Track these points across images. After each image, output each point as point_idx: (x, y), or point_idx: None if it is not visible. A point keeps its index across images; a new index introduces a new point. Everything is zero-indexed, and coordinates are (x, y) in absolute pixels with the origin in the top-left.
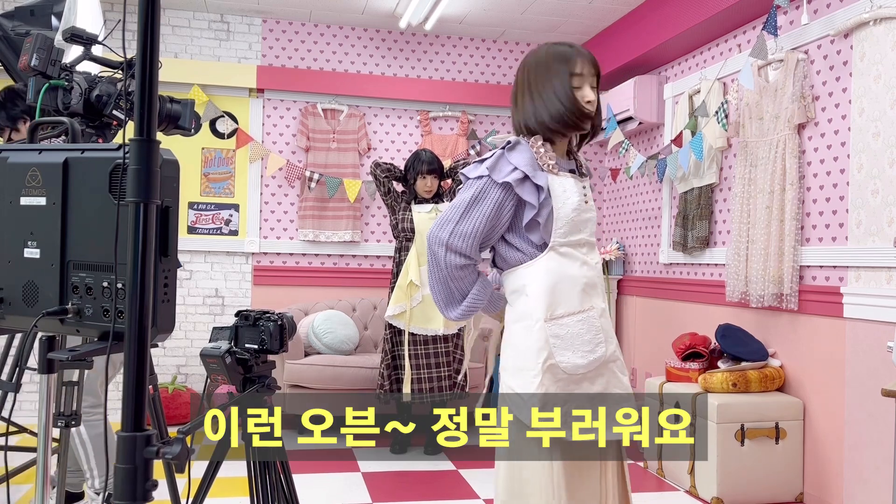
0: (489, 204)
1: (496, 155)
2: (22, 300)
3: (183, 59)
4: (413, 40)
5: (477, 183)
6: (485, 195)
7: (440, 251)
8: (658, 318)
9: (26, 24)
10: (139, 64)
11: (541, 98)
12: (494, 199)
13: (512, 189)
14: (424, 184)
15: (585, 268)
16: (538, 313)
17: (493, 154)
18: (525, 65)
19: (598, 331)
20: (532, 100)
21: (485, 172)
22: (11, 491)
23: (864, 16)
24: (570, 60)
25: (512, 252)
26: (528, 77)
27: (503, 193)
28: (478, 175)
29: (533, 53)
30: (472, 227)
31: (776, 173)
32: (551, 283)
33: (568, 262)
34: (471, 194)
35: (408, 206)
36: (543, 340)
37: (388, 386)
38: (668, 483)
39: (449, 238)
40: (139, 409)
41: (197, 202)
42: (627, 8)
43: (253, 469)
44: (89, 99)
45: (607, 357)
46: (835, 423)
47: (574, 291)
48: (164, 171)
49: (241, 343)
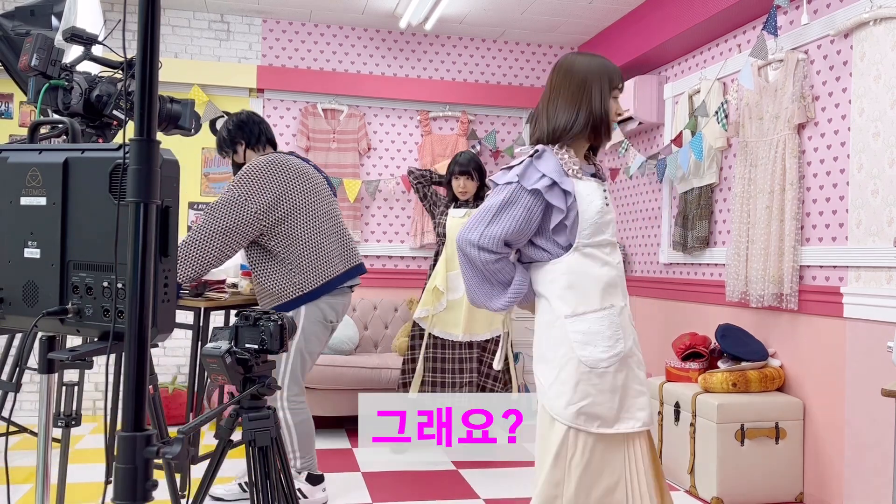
0: (519, 209)
1: (525, 163)
2: (22, 300)
3: (183, 59)
4: (413, 40)
5: (507, 189)
6: (515, 200)
7: (472, 251)
8: (658, 318)
9: (26, 24)
10: (139, 64)
11: (582, 108)
12: (524, 205)
13: (541, 195)
14: (458, 185)
15: (607, 268)
16: (560, 310)
17: (521, 162)
18: (566, 73)
19: (618, 327)
20: (568, 108)
21: (514, 179)
22: (12, 491)
23: (864, 16)
24: (614, 76)
25: (537, 252)
26: (569, 86)
27: (532, 199)
28: (507, 181)
29: (572, 62)
30: (500, 229)
31: (776, 173)
32: (573, 282)
33: (590, 262)
34: (501, 199)
35: (445, 210)
36: (563, 336)
37: (404, 381)
38: (669, 483)
39: (479, 240)
40: (139, 409)
41: (197, 202)
42: (627, 8)
43: (253, 469)
44: (89, 99)
45: (626, 352)
46: (835, 423)
47: (595, 290)
48: (164, 171)
49: (242, 343)
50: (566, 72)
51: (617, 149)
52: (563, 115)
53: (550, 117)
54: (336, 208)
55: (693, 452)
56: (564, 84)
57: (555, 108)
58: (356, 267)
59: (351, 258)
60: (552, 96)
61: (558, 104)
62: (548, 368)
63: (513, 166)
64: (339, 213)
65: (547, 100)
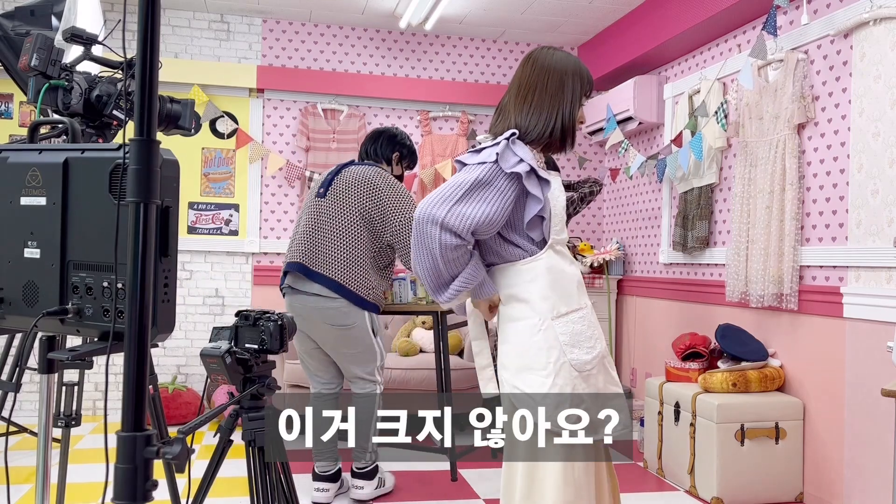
0: (495, 192)
1: (502, 144)
2: (22, 300)
3: (183, 59)
4: (413, 40)
5: (482, 168)
6: (489, 182)
7: (433, 230)
8: (658, 318)
9: (26, 24)
10: (139, 64)
11: (557, 114)
12: (499, 189)
13: (519, 181)
14: None
15: (574, 266)
16: (545, 312)
17: (497, 143)
18: (542, 70)
19: (595, 326)
20: (542, 112)
21: (492, 158)
22: (11, 491)
23: (864, 16)
24: (585, 82)
25: (510, 248)
26: (546, 86)
27: (508, 184)
28: (480, 161)
29: (549, 58)
30: (473, 211)
31: (776, 173)
32: (555, 281)
33: (563, 260)
34: (475, 177)
35: None
36: (553, 339)
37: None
38: (668, 483)
39: (446, 216)
40: (139, 409)
41: (197, 202)
42: (627, 8)
43: (253, 469)
44: (89, 99)
45: (603, 352)
46: (835, 423)
47: (573, 289)
48: (164, 171)
49: (242, 343)
50: (543, 68)
51: (617, 149)
52: (536, 118)
53: (522, 116)
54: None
55: (693, 452)
56: (540, 82)
57: (529, 107)
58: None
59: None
60: (524, 92)
61: (532, 103)
62: (537, 377)
63: (482, 149)
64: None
65: (517, 95)
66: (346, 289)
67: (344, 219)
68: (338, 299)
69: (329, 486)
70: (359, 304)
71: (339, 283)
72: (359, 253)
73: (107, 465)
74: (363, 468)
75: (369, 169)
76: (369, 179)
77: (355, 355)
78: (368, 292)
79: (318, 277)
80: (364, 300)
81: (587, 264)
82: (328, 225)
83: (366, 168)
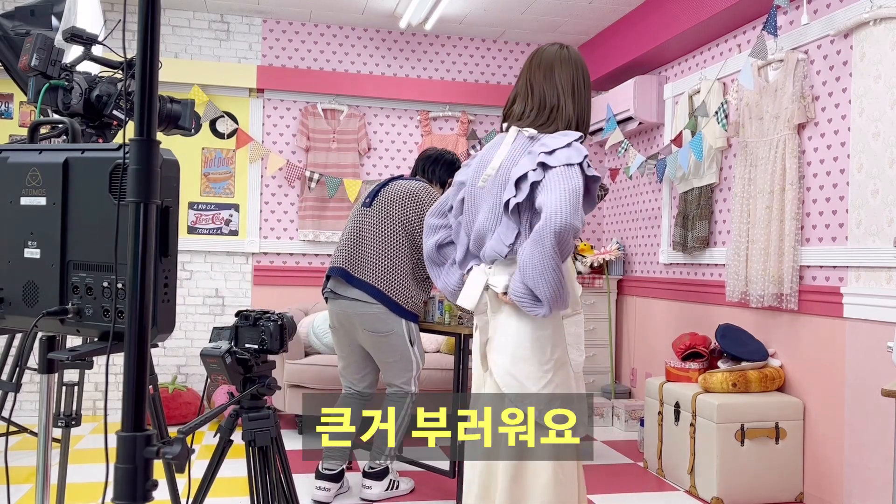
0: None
1: (581, 147)
2: (22, 300)
3: (183, 59)
4: (413, 40)
5: (578, 171)
6: (581, 182)
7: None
8: (658, 318)
9: (26, 24)
10: (139, 64)
11: (586, 104)
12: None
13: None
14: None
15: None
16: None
17: (569, 144)
18: (581, 68)
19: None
20: (587, 104)
21: (579, 160)
22: (11, 491)
23: (864, 16)
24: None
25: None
26: (583, 80)
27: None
28: (569, 163)
29: (578, 56)
30: (583, 215)
31: (776, 173)
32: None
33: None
34: (579, 181)
35: None
36: (560, 337)
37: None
38: (668, 483)
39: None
40: (139, 409)
41: (197, 202)
42: (627, 8)
43: (253, 469)
44: (89, 99)
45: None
46: (835, 423)
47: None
48: (164, 171)
49: (242, 343)
50: (580, 66)
51: (617, 149)
52: (586, 115)
53: (577, 104)
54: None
55: (693, 452)
56: (585, 80)
57: (579, 99)
58: (331, 268)
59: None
60: (581, 85)
61: (583, 100)
62: (535, 370)
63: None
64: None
65: (575, 88)
66: (385, 295)
67: (386, 228)
68: (376, 304)
69: (331, 485)
70: (396, 311)
71: (378, 289)
72: (399, 262)
73: (107, 465)
74: (374, 469)
75: (416, 184)
76: (415, 192)
77: (392, 364)
78: (406, 300)
79: (358, 283)
80: (401, 307)
81: (587, 264)
82: (371, 233)
83: (413, 182)
